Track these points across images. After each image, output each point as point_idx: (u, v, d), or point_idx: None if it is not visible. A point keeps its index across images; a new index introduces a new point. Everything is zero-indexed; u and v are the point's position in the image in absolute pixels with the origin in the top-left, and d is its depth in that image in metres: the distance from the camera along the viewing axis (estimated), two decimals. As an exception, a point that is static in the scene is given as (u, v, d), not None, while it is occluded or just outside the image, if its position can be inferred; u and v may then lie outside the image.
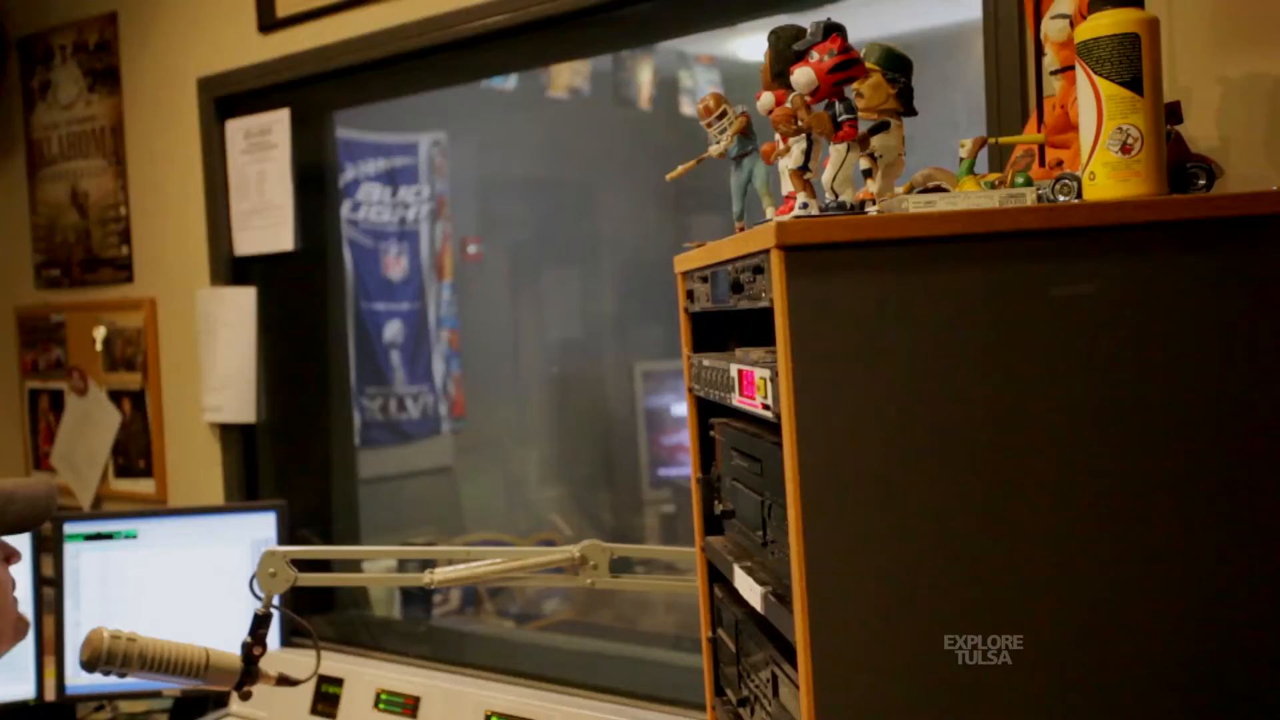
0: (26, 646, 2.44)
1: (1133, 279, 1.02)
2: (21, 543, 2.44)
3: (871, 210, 1.13)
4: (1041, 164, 1.32)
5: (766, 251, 1.04)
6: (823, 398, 1.01)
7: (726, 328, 1.43)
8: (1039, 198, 1.10)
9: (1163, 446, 1.03)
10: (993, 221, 1.02)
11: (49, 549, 2.50)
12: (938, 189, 1.23)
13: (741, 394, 1.19)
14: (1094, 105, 1.08)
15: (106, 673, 1.60)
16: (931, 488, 1.02)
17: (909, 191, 1.21)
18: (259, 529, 2.48)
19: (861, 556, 1.01)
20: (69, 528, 2.51)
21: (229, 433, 2.91)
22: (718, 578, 1.47)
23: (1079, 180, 1.11)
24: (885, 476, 1.02)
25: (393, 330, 4.44)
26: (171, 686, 2.19)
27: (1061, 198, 1.10)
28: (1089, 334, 1.02)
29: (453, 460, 4.63)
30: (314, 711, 2.21)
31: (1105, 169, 1.08)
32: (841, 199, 1.14)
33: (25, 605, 2.45)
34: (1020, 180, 1.17)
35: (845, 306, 1.01)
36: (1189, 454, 1.03)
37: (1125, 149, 1.07)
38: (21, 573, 2.42)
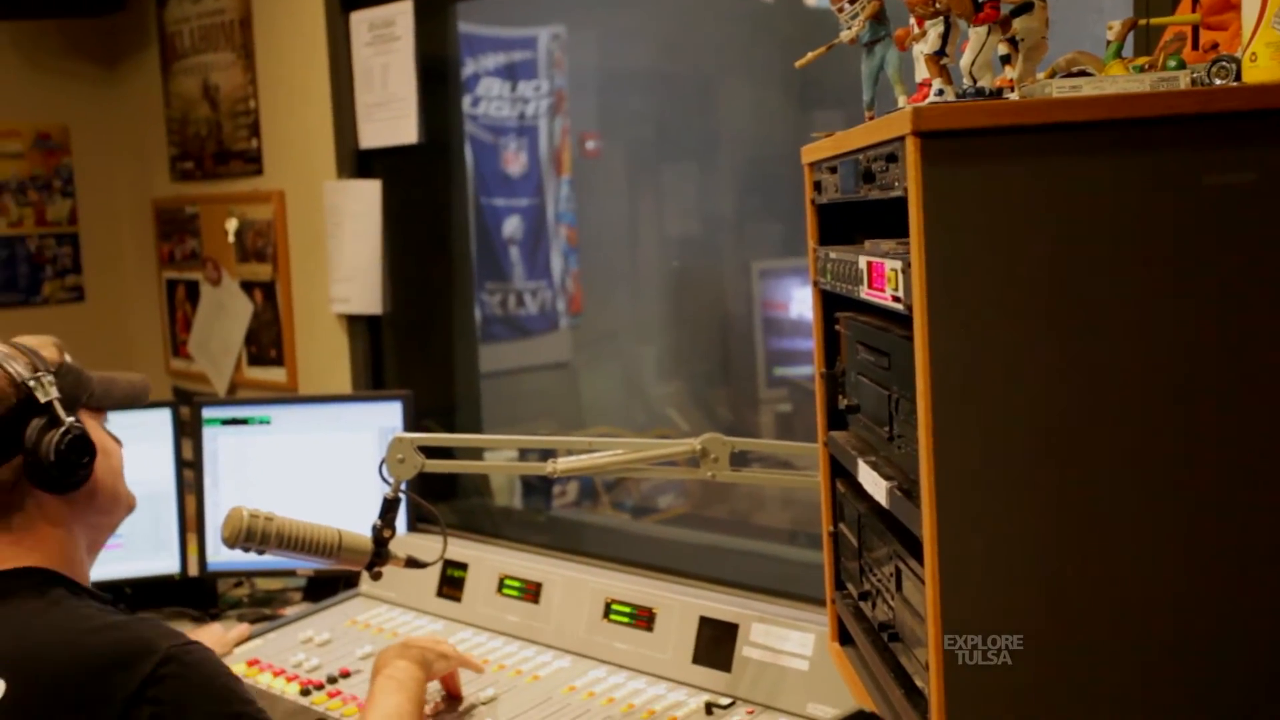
0: (171, 524, 2.57)
1: (1295, 168, 0.97)
2: (163, 427, 2.56)
3: (1011, 97, 1.08)
4: (1195, 47, 1.25)
5: (901, 138, 1.00)
6: (956, 289, 0.99)
7: (852, 221, 1.39)
8: (1193, 81, 1.04)
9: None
10: (1143, 106, 0.97)
11: (189, 433, 2.61)
12: (1082, 73, 1.17)
13: (870, 286, 1.17)
14: (1259, -19, 1.02)
15: (246, 549, 1.67)
16: (1066, 385, 0.99)
17: (1051, 76, 1.16)
18: (385, 418, 2.54)
19: (991, 451, 0.99)
20: (207, 412, 2.61)
21: (355, 324, 2.97)
22: (840, 473, 1.46)
23: (1238, 62, 1.04)
24: (1018, 370, 0.99)
25: (512, 226, 4.47)
26: (305, 565, 2.29)
27: (1218, 81, 1.04)
28: (1245, 225, 0.97)
29: (570, 355, 4.68)
30: (440, 594, 2.28)
31: (1270, 49, 1.01)
32: (980, 85, 1.09)
33: (168, 485, 2.58)
34: (1172, 64, 1.11)
35: (983, 195, 0.98)
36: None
37: (1292, 28, 1.00)
38: (161, 456, 2.54)
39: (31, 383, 1.47)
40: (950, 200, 0.98)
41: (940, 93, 1.11)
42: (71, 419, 1.48)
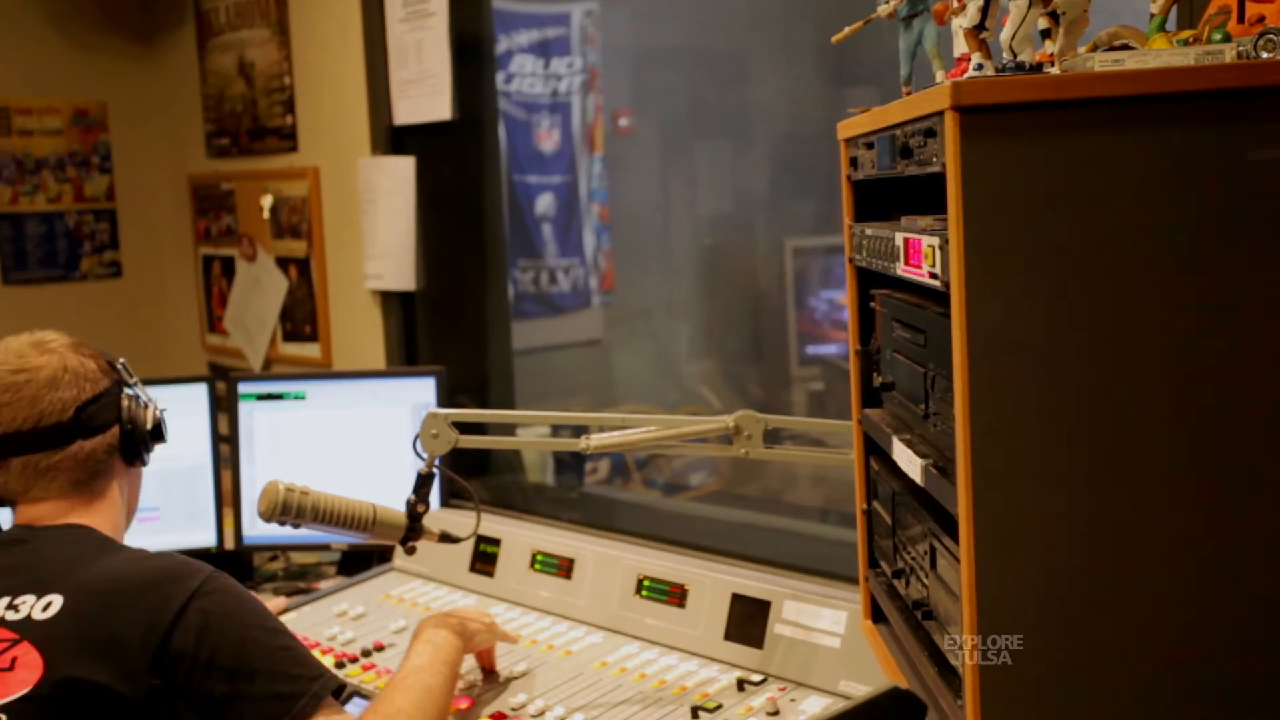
0: (207, 498, 2.59)
1: (1343, 143, 0.95)
2: (200, 402, 2.59)
3: (1052, 71, 1.07)
4: (1240, 20, 1.23)
5: (940, 113, 0.99)
6: (994, 266, 0.98)
7: (889, 198, 1.39)
8: (1239, 54, 1.02)
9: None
10: (1187, 80, 0.96)
11: (225, 408, 2.63)
12: (1124, 47, 1.15)
13: (907, 263, 1.16)
14: (1307, -47, 1.00)
15: (282, 523, 1.69)
16: (1105, 362, 0.98)
17: (1093, 51, 1.14)
18: (419, 393, 2.55)
19: (1028, 428, 0.99)
20: (243, 387, 2.63)
21: (389, 300, 2.98)
22: (874, 450, 1.46)
23: (1285, 36, 1.03)
24: (1056, 349, 0.98)
25: (544, 203, 4.47)
26: (340, 540, 2.30)
27: (1265, 54, 1.02)
28: (1290, 201, 0.96)
29: (602, 333, 4.69)
30: (473, 569, 2.29)
31: (1316, 23, 1.00)
32: (1020, 59, 1.08)
33: (205, 459, 2.60)
34: (1217, 37, 1.09)
35: (1022, 171, 0.97)
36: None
37: (1340, 1, 0.99)
38: (197, 430, 2.57)
39: (119, 365, 1.68)
40: (989, 176, 0.97)
41: (979, 67, 1.10)
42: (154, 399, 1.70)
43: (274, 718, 1.40)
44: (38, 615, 1.41)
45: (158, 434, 1.69)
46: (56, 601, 1.42)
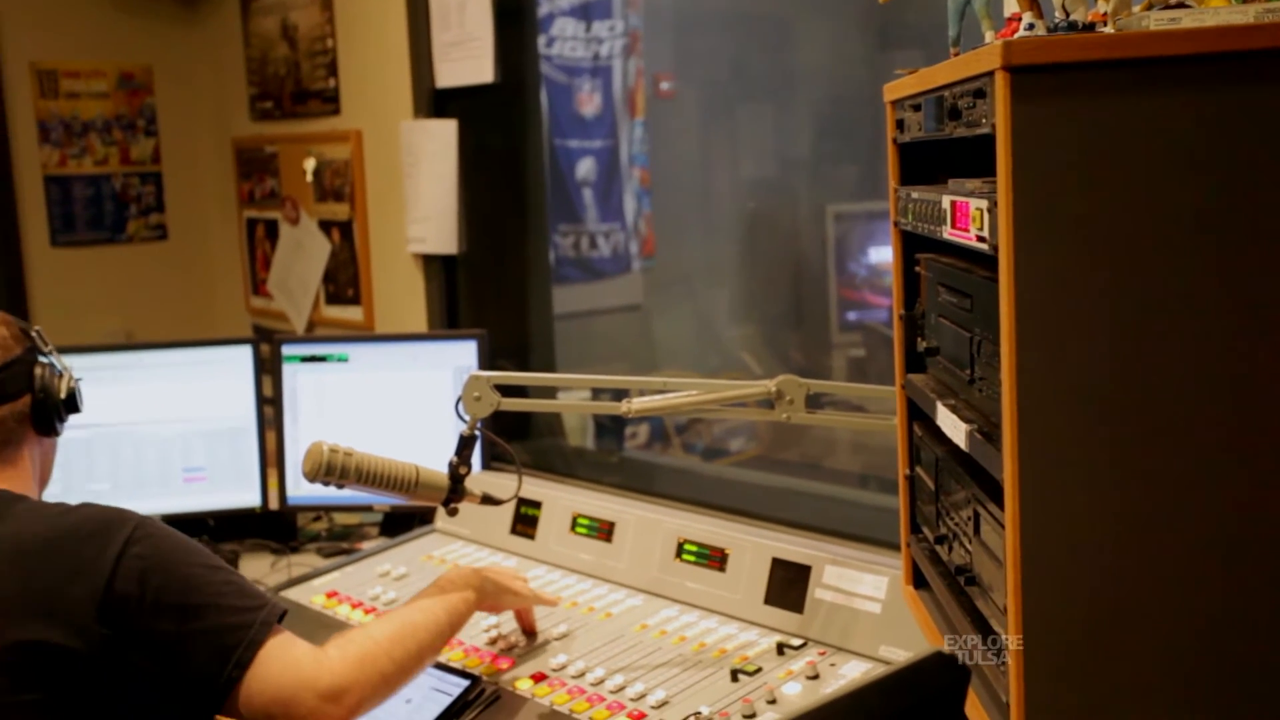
0: (252, 459, 2.62)
1: None
2: (244, 363, 2.61)
3: (1105, 30, 1.05)
4: (1301, -21, 1.20)
5: (990, 74, 0.98)
6: (1044, 230, 0.96)
7: (934, 162, 1.37)
8: (1300, 13, 1.00)
9: None
10: (1246, 38, 0.94)
11: (269, 370, 2.66)
12: (1181, 5, 1.13)
13: (954, 226, 1.15)
14: (1373, -93, 0.97)
15: (326, 483, 1.70)
16: (1155, 329, 0.97)
17: (1148, 9, 1.12)
18: (460, 357, 2.57)
19: (1074, 393, 0.98)
20: (286, 349, 2.65)
21: (431, 263, 3.00)
22: (917, 416, 1.45)
23: (1348, -7, 1.00)
24: (1106, 314, 0.97)
25: (585, 167, 4.46)
26: (383, 501, 2.33)
27: (1326, 13, 1.00)
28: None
29: (643, 298, 4.68)
30: (513, 532, 2.31)
31: (1381, -20, 0.97)
32: (1073, 18, 1.06)
33: (249, 420, 2.63)
34: (1278, -5, 1.06)
35: (1074, 132, 0.95)
36: None
37: (1407, -43, 0.96)
38: (242, 392, 2.59)
39: (34, 333, 1.64)
40: (1040, 137, 0.95)
41: (1031, 27, 1.08)
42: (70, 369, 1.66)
43: (228, 650, 1.41)
44: None
45: (71, 404, 1.64)
46: None
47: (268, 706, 1.43)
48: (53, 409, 1.61)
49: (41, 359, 1.62)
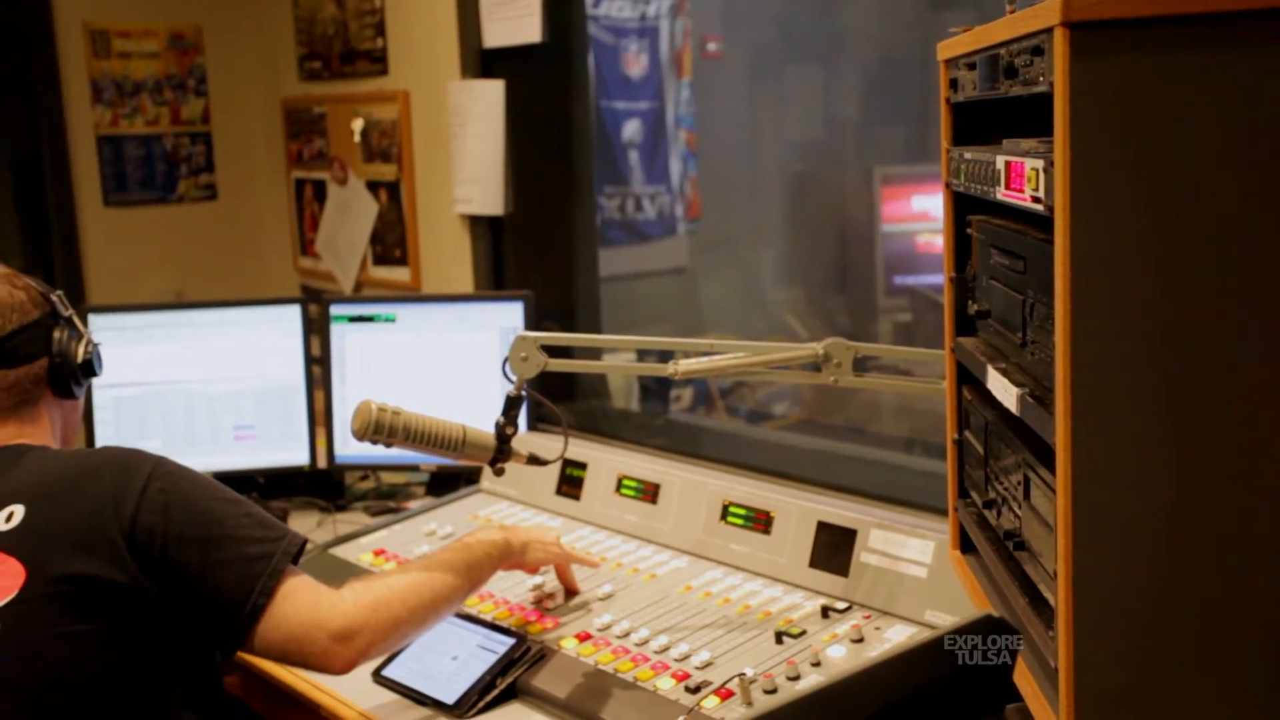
0: (300, 417, 2.65)
1: None
2: (293, 323, 2.63)
3: (1169, -15, 1.02)
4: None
5: (1049, 30, 0.96)
6: (1102, 191, 0.94)
7: (987, 123, 1.35)
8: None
9: None
10: (1316, -6, 0.91)
11: (317, 330, 2.68)
12: (1248, -39, 1.10)
13: (1008, 187, 1.13)
14: None
15: (374, 442, 1.71)
16: (1214, 293, 0.95)
17: (1213, -35, 1.09)
18: (507, 318, 2.57)
19: (1130, 359, 0.96)
20: (335, 309, 2.67)
21: (478, 224, 3.00)
22: (967, 379, 1.44)
23: None
24: (1163, 277, 0.95)
25: (631, 129, 4.44)
26: (430, 460, 2.34)
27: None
28: None
29: (688, 261, 4.67)
30: (559, 492, 2.32)
31: None
32: (1135, -27, 1.04)
33: (298, 380, 2.65)
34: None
35: (1136, 90, 0.93)
36: None
37: None
38: (291, 351, 2.61)
39: (54, 297, 1.67)
40: (1099, 95, 0.93)
41: (1091, -18, 1.05)
42: (89, 333, 1.70)
43: (252, 578, 1.46)
44: (1, 526, 1.44)
45: (89, 368, 1.67)
46: (19, 511, 1.45)
47: (283, 644, 1.48)
48: (69, 373, 1.64)
49: (61, 323, 1.65)
